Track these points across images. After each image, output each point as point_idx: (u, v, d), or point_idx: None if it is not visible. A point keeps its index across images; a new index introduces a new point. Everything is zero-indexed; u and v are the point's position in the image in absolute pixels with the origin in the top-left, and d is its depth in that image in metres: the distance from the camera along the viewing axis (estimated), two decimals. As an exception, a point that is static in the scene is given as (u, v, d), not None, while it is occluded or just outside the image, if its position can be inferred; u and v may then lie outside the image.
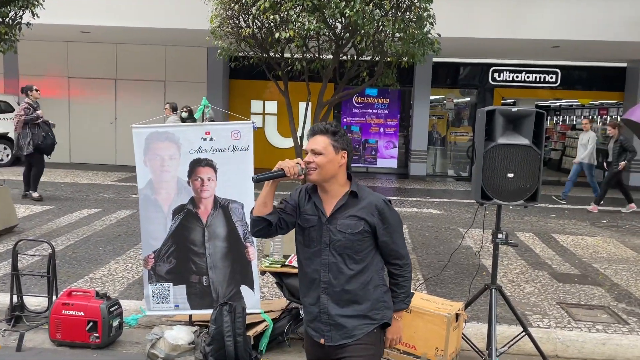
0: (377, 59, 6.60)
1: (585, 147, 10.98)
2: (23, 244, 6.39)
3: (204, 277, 4.29)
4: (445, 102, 15.72)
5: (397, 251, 2.49)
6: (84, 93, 15.08)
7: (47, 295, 4.53)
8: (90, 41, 14.59)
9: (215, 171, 4.22)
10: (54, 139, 9.57)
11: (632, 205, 10.43)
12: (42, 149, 9.37)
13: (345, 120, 15.61)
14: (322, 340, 2.44)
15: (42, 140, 9.32)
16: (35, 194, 9.49)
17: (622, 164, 10.13)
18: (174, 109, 10.68)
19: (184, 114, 10.24)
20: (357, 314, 2.42)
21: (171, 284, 4.31)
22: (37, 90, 9.44)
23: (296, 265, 3.88)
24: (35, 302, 4.74)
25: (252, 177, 2.32)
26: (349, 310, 2.42)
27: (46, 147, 9.42)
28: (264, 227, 2.42)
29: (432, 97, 15.11)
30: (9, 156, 13.77)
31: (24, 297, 4.61)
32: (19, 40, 7.49)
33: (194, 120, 9.84)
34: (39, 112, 9.38)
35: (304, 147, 2.45)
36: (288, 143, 14.92)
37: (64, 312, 4.19)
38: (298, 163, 2.34)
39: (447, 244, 7.63)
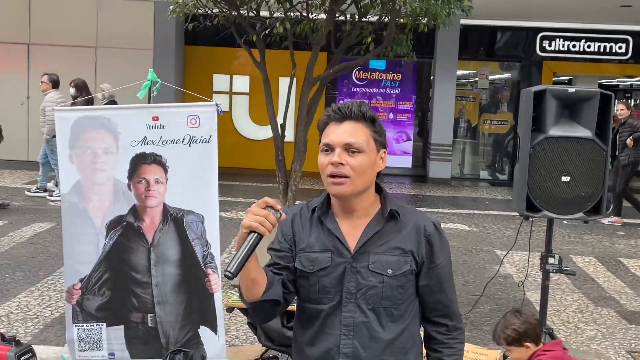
0: (386, 20, 6.61)
1: None
2: None
3: (149, 315, 4.26)
4: (477, 79, 15.79)
5: (448, 305, 2.26)
6: (-16, 62, 14.98)
7: None
8: (-6, -9, 14.51)
9: (166, 171, 4.21)
10: None
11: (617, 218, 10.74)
12: None
13: (342, 102, 15.60)
14: None
15: None
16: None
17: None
18: (54, 82, 10.74)
19: (73, 91, 10.42)
20: None
21: (104, 324, 4.28)
22: None
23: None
24: None
25: (227, 274, 1.94)
26: None
27: None
28: (271, 310, 2.16)
29: (459, 72, 15.17)
30: None
31: None
32: None
33: (89, 102, 9.82)
34: None
35: (324, 140, 2.14)
36: (264, 133, 14.89)
37: (-44, 362, 4.14)
38: (268, 205, 2.01)
39: (480, 271, 7.64)
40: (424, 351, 2.30)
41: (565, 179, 3.84)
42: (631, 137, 10.34)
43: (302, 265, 2.17)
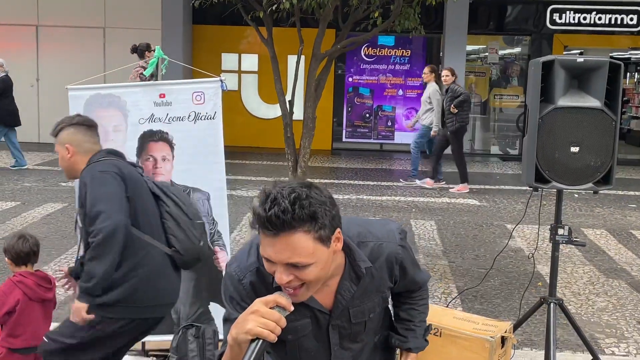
0: (393, -7, 6.55)
1: None
2: None
3: (161, 291, 4.29)
4: (487, 54, 15.71)
5: (416, 282, 2.35)
6: (-6, 45, 15.00)
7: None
8: (2, -26, 14.50)
9: (172, 148, 4.22)
10: None
11: (430, 181, 11.05)
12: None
13: (350, 79, 15.59)
14: None
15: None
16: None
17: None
18: None
19: None
20: None
21: (116, 301, 4.31)
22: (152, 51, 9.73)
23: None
24: None
25: None
26: None
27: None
28: None
29: (468, 47, 15.08)
30: None
31: None
32: None
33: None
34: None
35: (264, 255, 1.84)
36: (274, 112, 14.89)
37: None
38: (277, 305, 1.77)
39: (490, 245, 7.66)
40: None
41: (574, 149, 3.81)
42: (452, 103, 10.46)
43: (281, 335, 1.81)
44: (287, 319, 1.79)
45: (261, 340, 1.70)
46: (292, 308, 1.80)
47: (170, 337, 4.18)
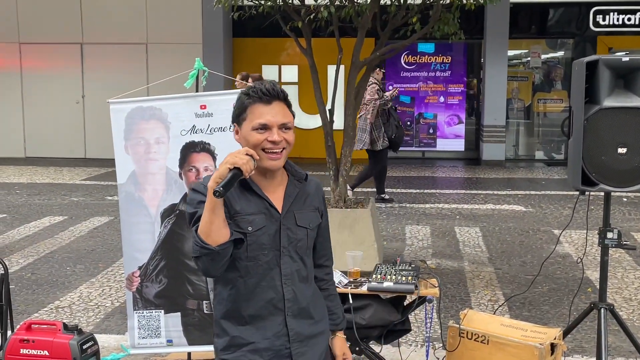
0: (431, 0, 6.54)
1: None
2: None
3: (204, 302, 4.31)
4: (529, 58, 15.55)
5: (330, 249, 2.70)
6: (40, 63, 15.38)
7: (-1, 330, 4.63)
8: (47, -6, 14.88)
9: (214, 158, 4.25)
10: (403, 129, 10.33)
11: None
12: (395, 142, 10.08)
13: (390, 87, 15.54)
14: None
15: (395, 131, 9.96)
16: (385, 195, 10.32)
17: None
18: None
19: None
20: (320, 330, 2.55)
21: (162, 311, 4.35)
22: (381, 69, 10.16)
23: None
24: (-16, 339, 4.85)
25: (215, 191, 2.17)
26: (316, 327, 2.52)
27: (398, 140, 10.14)
28: (229, 256, 2.33)
29: (510, 52, 14.93)
30: None
31: (-30, 333, 4.72)
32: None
33: None
34: (387, 94, 10.03)
35: (260, 121, 2.36)
36: (314, 122, 14.94)
37: (22, 351, 4.27)
38: (248, 154, 2.29)
39: (537, 251, 7.55)
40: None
41: (621, 150, 3.74)
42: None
43: (239, 227, 2.35)
44: (246, 211, 2.37)
45: (236, 168, 2.23)
46: (258, 157, 2.31)
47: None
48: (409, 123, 15.52)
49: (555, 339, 3.90)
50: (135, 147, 4.30)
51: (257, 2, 6.83)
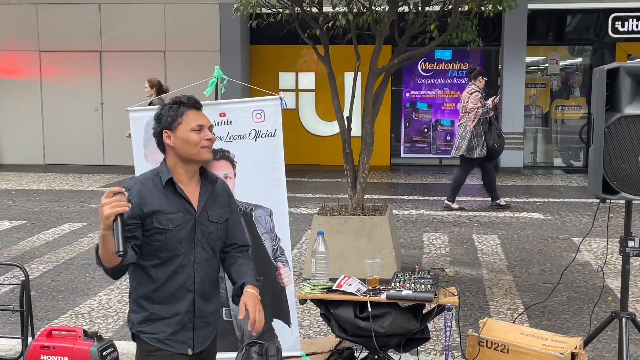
0: (450, 6, 6.53)
1: None
2: (-12, 270, 6.61)
3: (224, 309, 4.33)
4: (547, 65, 15.47)
5: (242, 236, 3.12)
6: (60, 71, 15.53)
7: (20, 337, 4.65)
8: (66, 1, 15.00)
9: (234, 166, 4.27)
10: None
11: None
12: (495, 151, 10.13)
13: (408, 95, 15.53)
14: (189, 351, 2.89)
15: (497, 140, 10.01)
16: (454, 205, 10.24)
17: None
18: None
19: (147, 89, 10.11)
20: (215, 308, 3.02)
21: (181, 318, 4.37)
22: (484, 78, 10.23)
23: (348, 289, 3.89)
24: (4, 345, 4.88)
25: (118, 254, 2.57)
26: (214, 306, 2.99)
27: (499, 149, 10.19)
28: (126, 268, 2.78)
29: (528, 58, 14.87)
30: None
31: (-10, 339, 4.75)
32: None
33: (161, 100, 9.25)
34: (489, 101, 10.08)
35: (198, 122, 2.82)
36: (331, 129, 14.96)
37: (43, 357, 4.29)
38: (114, 193, 2.54)
39: (556, 259, 7.49)
40: None
41: (643, 158, 3.72)
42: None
43: (160, 225, 2.78)
44: (167, 211, 2.78)
45: (118, 217, 2.50)
46: (123, 189, 2.59)
47: (233, 355, 4.20)
48: (425, 130, 15.49)
49: (575, 348, 3.87)
50: (155, 155, 4.30)
51: (275, 10, 6.86)
